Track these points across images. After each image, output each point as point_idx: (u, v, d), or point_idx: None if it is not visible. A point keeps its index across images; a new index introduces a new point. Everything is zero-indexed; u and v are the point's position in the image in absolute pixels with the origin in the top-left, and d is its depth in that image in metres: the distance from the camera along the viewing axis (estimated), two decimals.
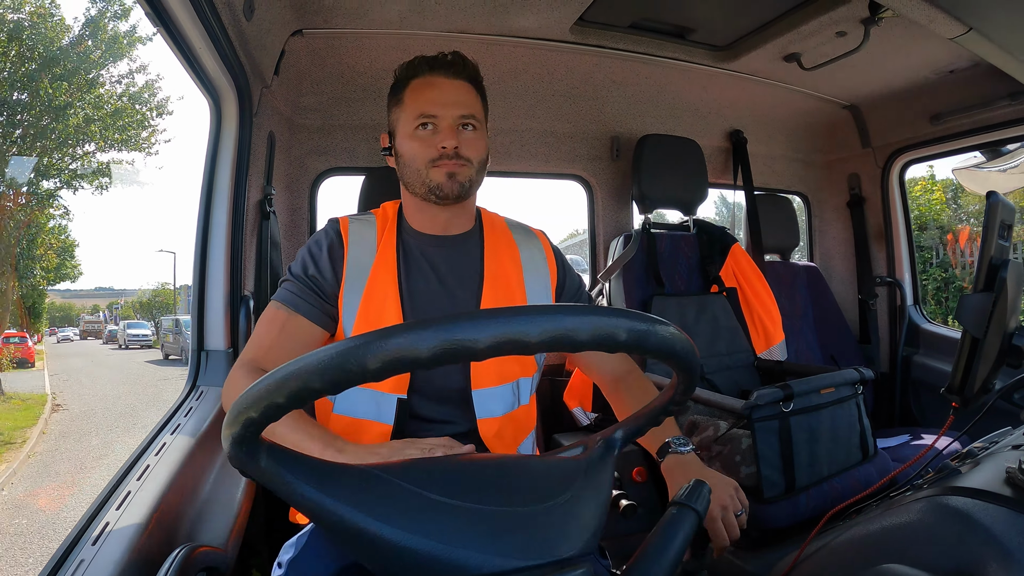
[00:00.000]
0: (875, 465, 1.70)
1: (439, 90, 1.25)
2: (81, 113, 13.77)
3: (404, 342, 0.48)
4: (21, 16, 13.11)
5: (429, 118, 1.23)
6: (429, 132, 1.24)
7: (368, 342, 0.48)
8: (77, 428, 11.04)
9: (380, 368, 0.48)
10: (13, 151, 13.39)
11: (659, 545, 0.73)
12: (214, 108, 1.61)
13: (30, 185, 14.13)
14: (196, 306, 1.62)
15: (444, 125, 1.23)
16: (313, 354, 0.49)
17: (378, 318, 1.21)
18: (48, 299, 24.45)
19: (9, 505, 6.94)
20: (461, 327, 0.49)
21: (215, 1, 1.26)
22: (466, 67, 1.28)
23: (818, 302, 2.78)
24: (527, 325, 0.51)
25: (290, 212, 2.20)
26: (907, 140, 2.68)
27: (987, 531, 0.67)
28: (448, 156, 1.22)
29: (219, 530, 1.15)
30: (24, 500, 7.22)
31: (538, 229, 1.48)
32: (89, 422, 11.53)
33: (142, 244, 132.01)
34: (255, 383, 0.52)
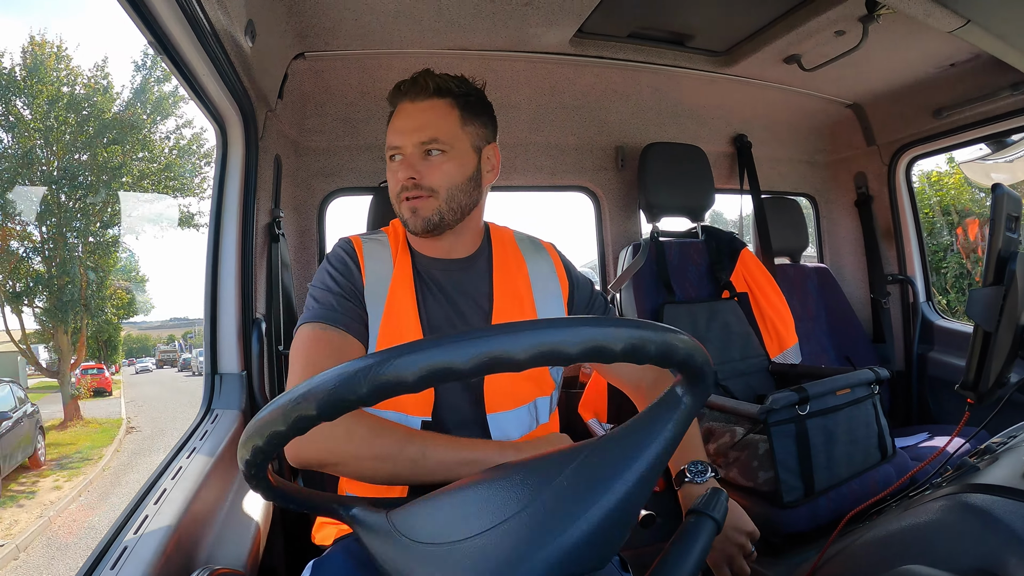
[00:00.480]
0: (894, 465, 1.69)
1: (403, 117, 1.21)
2: (135, 170, 15.08)
3: (394, 367, 0.49)
4: (76, 89, 14.44)
5: (395, 149, 1.20)
6: (397, 164, 1.20)
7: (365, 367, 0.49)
8: (148, 446, 12.65)
9: (369, 393, 0.49)
10: (77, 207, 14.63)
11: (678, 554, 0.73)
12: (220, 133, 1.62)
13: (94, 235, 15.27)
14: (208, 330, 1.63)
15: (406, 154, 1.19)
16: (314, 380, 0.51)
17: (400, 339, 1.15)
18: (124, 332, 25.28)
19: (85, 507, 9.02)
20: (444, 349, 0.50)
21: (217, 28, 1.27)
22: (430, 84, 1.19)
23: (830, 303, 2.76)
24: (510, 344, 0.51)
25: (299, 234, 2.21)
26: (911, 136, 2.67)
27: (1007, 527, 0.66)
28: (407, 188, 1.17)
29: (238, 552, 1.15)
30: (96, 503, 9.19)
31: (547, 241, 1.44)
32: (159, 441, 13.02)
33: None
34: (267, 408, 0.53)
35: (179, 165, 15.71)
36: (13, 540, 7.31)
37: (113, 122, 14.76)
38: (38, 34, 15.67)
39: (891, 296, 2.86)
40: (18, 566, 6.86)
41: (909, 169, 2.83)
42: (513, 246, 1.36)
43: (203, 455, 1.28)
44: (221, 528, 1.20)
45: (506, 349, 0.50)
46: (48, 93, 14.03)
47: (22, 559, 7.03)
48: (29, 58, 14.03)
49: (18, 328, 14.76)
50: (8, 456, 9.39)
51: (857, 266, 3.00)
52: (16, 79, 13.93)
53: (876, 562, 0.80)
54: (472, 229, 1.30)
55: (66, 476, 10.29)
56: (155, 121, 15.42)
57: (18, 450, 9.86)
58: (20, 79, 13.95)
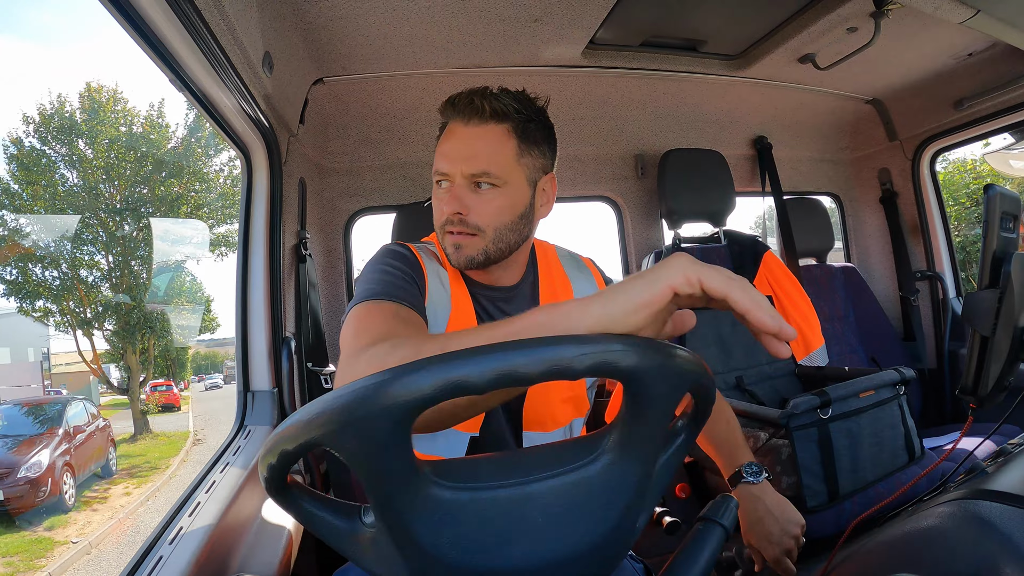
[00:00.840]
0: (922, 466, 1.68)
1: (453, 140, 1.08)
2: (192, 202, 16.34)
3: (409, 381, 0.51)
4: (134, 128, 15.90)
5: (442, 175, 1.09)
6: (444, 191, 1.09)
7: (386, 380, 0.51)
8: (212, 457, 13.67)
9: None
10: (140, 236, 15.91)
11: (686, 560, 0.75)
12: (245, 160, 1.67)
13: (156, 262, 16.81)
14: (240, 349, 1.68)
15: (454, 183, 1.07)
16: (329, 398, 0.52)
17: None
18: (192, 349, 27.05)
19: (151, 510, 9.80)
20: (460, 365, 0.51)
21: (235, 63, 1.31)
22: (487, 107, 1.06)
23: (858, 303, 2.73)
24: (520, 359, 0.52)
25: (326, 253, 2.27)
26: (933, 129, 2.63)
27: (1004, 534, 0.66)
28: (452, 223, 1.07)
29: (268, 563, 1.19)
30: (162, 507, 9.78)
31: (587, 257, 1.37)
32: None
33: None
34: (286, 422, 0.54)
35: (233, 194, 16.73)
36: (86, 538, 8.24)
37: (169, 156, 16.09)
38: (95, 80, 17.62)
39: (920, 293, 2.82)
40: (89, 560, 7.89)
41: (933, 163, 2.79)
42: (558, 267, 1.30)
43: (236, 469, 1.33)
44: (253, 539, 1.24)
45: (518, 366, 0.52)
46: (107, 134, 15.28)
47: (93, 554, 8.03)
48: (87, 102, 15.36)
49: (90, 349, 16.16)
50: (82, 465, 10.17)
51: (885, 264, 2.96)
52: (77, 122, 15.22)
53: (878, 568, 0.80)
54: (518, 261, 1.21)
55: (135, 483, 11.29)
56: (208, 155, 16.74)
57: (91, 460, 10.71)
58: (81, 122, 15.22)
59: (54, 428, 9.71)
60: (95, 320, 15.73)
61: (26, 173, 14.95)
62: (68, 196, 15.46)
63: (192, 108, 16.24)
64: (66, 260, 15.27)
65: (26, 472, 8.58)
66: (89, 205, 15.41)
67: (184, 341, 20.72)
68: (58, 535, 8.39)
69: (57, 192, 15.17)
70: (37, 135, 15.06)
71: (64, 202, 15.37)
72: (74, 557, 7.79)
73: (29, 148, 15.08)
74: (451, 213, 1.05)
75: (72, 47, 55.07)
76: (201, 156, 16.64)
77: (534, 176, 1.14)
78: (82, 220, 15.33)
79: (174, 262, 17.16)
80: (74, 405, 10.88)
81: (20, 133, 15.01)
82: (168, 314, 17.45)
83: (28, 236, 14.82)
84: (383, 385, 0.50)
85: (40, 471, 8.71)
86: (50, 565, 7.56)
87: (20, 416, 10.02)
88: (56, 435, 9.58)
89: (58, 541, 8.19)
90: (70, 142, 15.20)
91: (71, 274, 15.37)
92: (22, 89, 44.48)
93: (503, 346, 0.52)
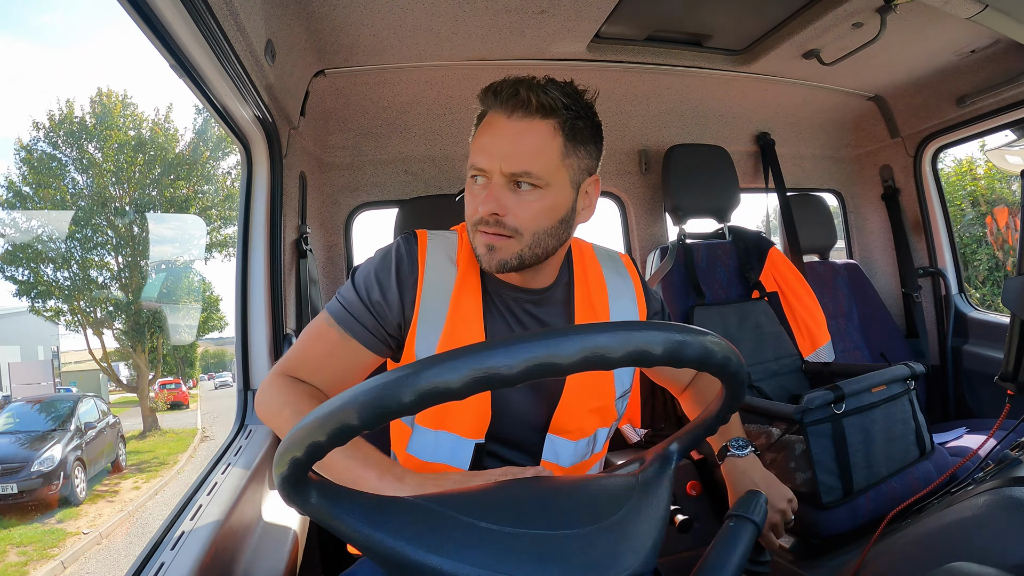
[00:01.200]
0: (933, 462, 1.66)
1: (493, 134, 1.00)
2: (199, 204, 16.78)
3: (437, 374, 0.49)
4: (143, 132, 16.43)
5: (478, 170, 1.01)
6: (479, 189, 1.01)
7: (406, 376, 0.49)
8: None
9: (413, 402, 0.49)
10: (149, 238, 16.50)
11: (718, 559, 0.73)
12: (244, 152, 1.64)
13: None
14: (240, 346, 1.64)
15: (491, 180, 0.99)
16: (355, 390, 0.51)
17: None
18: (201, 348, 27.76)
19: (160, 503, 10.31)
20: (491, 355, 0.50)
21: (237, 49, 1.28)
22: (534, 100, 0.97)
23: (861, 299, 2.72)
24: (558, 348, 0.51)
25: (326, 249, 2.24)
26: (935, 126, 2.63)
27: None
28: (486, 223, 1.00)
29: (274, 565, 1.16)
30: (170, 500, 10.29)
31: (622, 253, 1.31)
32: None
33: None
34: (304, 420, 0.52)
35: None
36: (97, 529, 8.81)
37: (178, 160, 16.52)
38: (104, 85, 18.31)
39: (923, 289, 2.81)
40: (100, 548, 8.46)
41: (935, 159, 2.79)
42: (595, 267, 1.23)
43: (238, 470, 1.29)
44: (257, 542, 1.21)
45: (556, 352, 0.51)
46: (116, 138, 15.79)
47: (104, 544, 8.59)
48: (98, 107, 15.87)
49: (100, 347, 16.71)
50: (94, 461, 10.78)
51: (887, 260, 2.96)
52: (88, 126, 15.74)
53: (920, 560, 0.79)
54: (553, 264, 1.14)
55: (144, 478, 11.84)
56: (216, 157, 17.25)
57: (102, 456, 11.31)
58: (91, 126, 15.74)
59: (66, 424, 10.18)
60: (105, 320, 16.23)
61: (36, 175, 15.44)
62: (77, 198, 15.93)
63: (200, 112, 16.53)
64: (76, 261, 15.74)
65: (39, 466, 9.11)
66: (99, 208, 15.81)
67: (191, 340, 21.31)
68: (70, 527, 8.86)
69: (65, 194, 15.59)
70: (47, 140, 15.60)
71: (74, 204, 15.81)
72: (86, 547, 8.27)
73: (40, 152, 15.68)
74: (487, 213, 0.98)
75: (78, 47, 55.21)
76: (208, 159, 17.09)
77: (578, 178, 1.05)
78: (92, 224, 15.76)
79: (183, 262, 17.67)
80: (85, 402, 11.38)
81: (30, 137, 15.91)
82: (176, 313, 17.88)
83: (40, 237, 15.25)
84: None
85: (53, 465, 9.25)
86: (62, 554, 7.96)
87: (33, 413, 10.53)
88: (68, 431, 10.07)
89: (70, 532, 8.66)
90: (80, 146, 15.65)
91: (81, 274, 15.77)
92: (29, 90, 44.71)
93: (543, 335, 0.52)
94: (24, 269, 15.06)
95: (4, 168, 45.36)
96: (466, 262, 1.11)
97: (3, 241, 15.08)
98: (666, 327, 0.55)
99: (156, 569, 0.92)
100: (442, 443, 1.09)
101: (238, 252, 1.67)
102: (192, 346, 24.31)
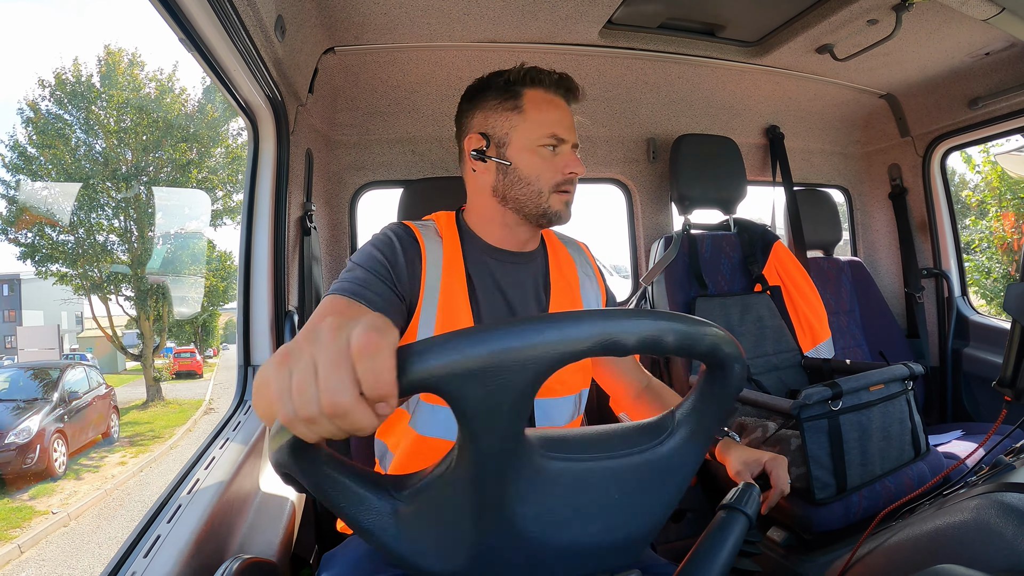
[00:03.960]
0: (928, 463, 1.66)
1: (563, 112, 1.21)
2: (205, 167, 16.52)
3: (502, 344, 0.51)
4: (150, 91, 16.11)
5: (560, 141, 1.19)
6: (567, 154, 1.20)
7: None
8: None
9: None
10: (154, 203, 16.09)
11: (710, 549, 0.73)
12: (251, 128, 1.64)
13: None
14: (242, 322, 1.65)
15: (567, 150, 1.20)
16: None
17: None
18: (223, 317, 27.57)
19: (142, 483, 9.82)
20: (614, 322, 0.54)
21: (247, 24, 1.28)
22: (576, 91, 1.25)
23: (864, 297, 2.72)
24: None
25: (331, 227, 2.23)
26: (946, 127, 2.62)
27: None
28: (572, 182, 1.20)
29: (269, 541, 1.17)
30: (154, 479, 10.01)
31: (581, 241, 1.46)
32: None
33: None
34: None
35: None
36: (66, 509, 8.18)
37: (183, 120, 16.17)
38: (113, 43, 17.84)
39: (925, 291, 2.81)
40: (67, 531, 7.81)
41: (944, 161, 2.78)
42: (561, 246, 1.39)
43: (236, 445, 1.30)
44: (253, 518, 1.22)
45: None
46: (120, 98, 15.55)
47: (72, 526, 7.95)
48: (104, 66, 15.68)
49: (105, 315, 16.68)
50: (80, 433, 10.25)
51: (891, 260, 2.95)
52: (94, 86, 15.51)
53: (909, 561, 0.79)
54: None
55: (133, 452, 11.30)
56: (226, 119, 16.87)
57: (89, 428, 10.73)
58: (97, 86, 15.51)
59: (49, 393, 9.71)
60: (106, 285, 16.07)
61: (42, 137, 15.21)
62: (82, 162, 15.66)
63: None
64: (84, 225, 15.54)
65: (14, 437, 8.60)
66: (108, 174, 15.55)
67: (195, 311, 20.96)
68: (40, 504, 8.34)
69: (67, 158, 15.30)
70: (53, 99, 15.32)
71: (83, 169, 15.59)
72: (49, 529, 7.71)
73: (46, 112, 15.34)
74: (580, 173, 1.20)
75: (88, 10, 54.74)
76: (215, 123, 16.78)
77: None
78: (104, 189, 15.54)
79: (190, 231, 17.26)
80: (74, 371, 10.81)
81: (37, 97, 15.44)
82: (183, 283, 17.61)
83: (53, 205, 15.15)
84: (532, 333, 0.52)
85: (29, 436, 8.75)
86: (23, 536, 7.40)
87: (26, 380, 9.99)
88: (51, 401, 9.60)
89: (38, 511, 8.12)
90: (86, 107, 15.39)
91: (88, 238, 15.59)
92: (38, 51, 44.42)
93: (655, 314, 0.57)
94: (31, 232, 15.00)
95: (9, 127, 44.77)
96: (453, 250, 1.22)
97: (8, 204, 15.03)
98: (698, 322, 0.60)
99: (152, 541, 0.93)
100: (440, 414, 1.15)
101: (242, 227, 1.67)
102: (212, 315, 24.26)
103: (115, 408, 12.13)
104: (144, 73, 16.01)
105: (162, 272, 16.38)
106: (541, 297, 1.27)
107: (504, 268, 1.25)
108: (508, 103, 1.19)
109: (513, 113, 1.19)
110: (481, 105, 1.23)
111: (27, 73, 54.28)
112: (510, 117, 1.19)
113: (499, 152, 1.20)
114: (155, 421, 13.99)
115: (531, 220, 1.22)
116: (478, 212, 1.27)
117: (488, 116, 1.21)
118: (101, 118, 15.44)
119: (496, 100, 1.21)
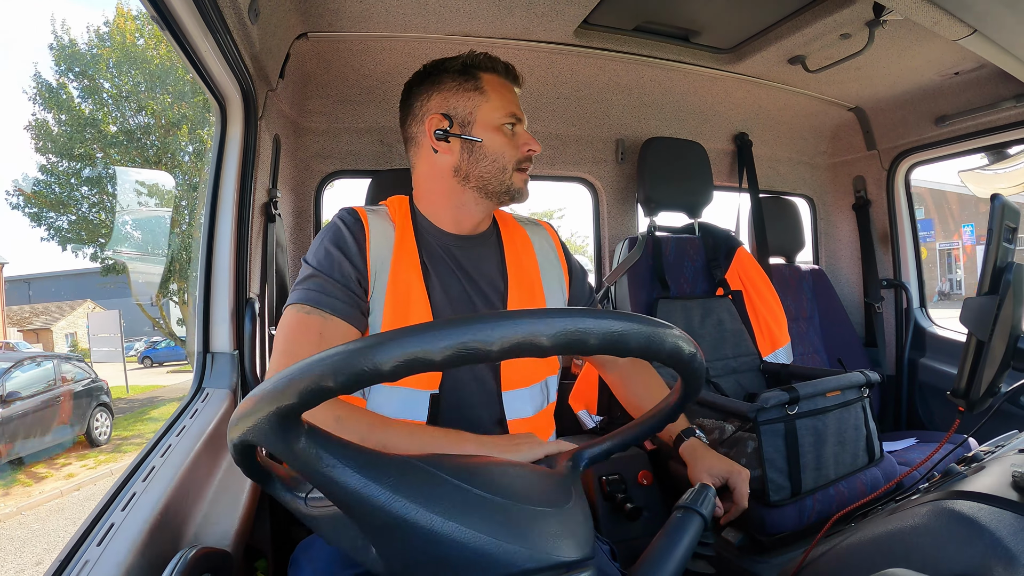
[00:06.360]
0: (881, 469, 1.70)
1: (513, 95, 1.27)
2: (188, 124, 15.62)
3: (418, 343, 0.48)
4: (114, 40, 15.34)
5: (517, 120, 1.25)
6: (525, 134, 1.26)
7: (381, 343, 0.48)
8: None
9: (393, 369, 0.48)
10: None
11: (665, 548, 0.74)
12: (219, 110, 1.60)
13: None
14: (202, 308, 1.61)
15: (523, 130, 1.26)
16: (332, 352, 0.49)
17: (406, 319, 1.14)
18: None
19: (81, 499, 8.05)
20: (475, 328, 0.49)
21: (220, 5, 1.25)
22: (521, 85, 1.32)
23: (824, 305, 2.77)
24: (542, 327, 0.50)
25: (296, 215, 2.20)
26: (912, 142, 2.68)
27: (992, 535, 0.66)
28: (530, 160, 1.26)
29: (224, 532, 1.15)
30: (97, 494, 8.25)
31: (544, 221, 1.48)
32: None
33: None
34: (313, 359, 0.49)
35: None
36: None
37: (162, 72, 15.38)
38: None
39: (884, 301, 2.87)
40: None
41: (908, 175, 2.84)
42: (517, 227, 1.40)
43: (193, 434, 1.27)
44: (209, 507, 1.19)
45: (537, 332, 0.50)
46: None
47: None
48: (119, 36, 15.26)
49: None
50: (29, 436, 8.67)
51: (852, 269, 3.01)
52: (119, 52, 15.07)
53: (861, 564, 0.80)
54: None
55: (107, 459, 9.51)
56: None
57: (50, 431, 9.06)
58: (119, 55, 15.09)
59: None
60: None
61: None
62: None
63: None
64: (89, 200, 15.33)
65: None
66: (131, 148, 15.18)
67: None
68: None
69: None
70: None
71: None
72: None
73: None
74: (536, 151, 1.25)
75: None
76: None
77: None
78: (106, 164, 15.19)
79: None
80: (24, 367, 8.99)
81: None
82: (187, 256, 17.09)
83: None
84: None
85: None
86: None
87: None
88: None
89: None
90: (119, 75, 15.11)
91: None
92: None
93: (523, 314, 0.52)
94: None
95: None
96: (405, 232, 1.22)
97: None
98: (638, 319, 0.55)
99: (106, 529, 0.91)
100: (395, 395, 1.15)
101: (205, 212, 1.63)
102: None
103: (106, 406, 10.35)
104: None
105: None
106: (500, 284, 1.28)
107: (465, 252, 1.27)
108: (468, 83, 1.22)
109: (475, 93, 1.22)
110: (439, 87, 1.24)
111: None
112: (472, 97, 1.22)
113: (464, 131, 1.22)
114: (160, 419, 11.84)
115: (493, 198, 1.25)
116: (431, 196, 1.28)
117: (448, 97, 1.22)
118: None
119: (455, 82, 1.23)
